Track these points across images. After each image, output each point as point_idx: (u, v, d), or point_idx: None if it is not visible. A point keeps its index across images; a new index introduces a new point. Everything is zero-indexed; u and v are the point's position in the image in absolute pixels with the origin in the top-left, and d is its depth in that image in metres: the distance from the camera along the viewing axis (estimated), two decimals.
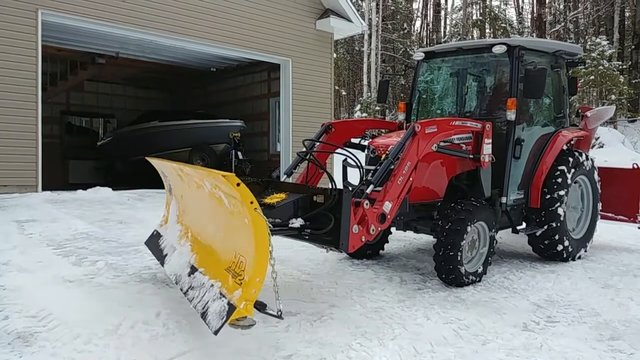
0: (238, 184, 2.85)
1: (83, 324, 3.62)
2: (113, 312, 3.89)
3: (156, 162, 4.75)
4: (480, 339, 3.75)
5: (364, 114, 29.37)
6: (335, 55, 37.87)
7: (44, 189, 9.74)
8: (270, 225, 3.02)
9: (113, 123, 19.35)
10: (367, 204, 4.15)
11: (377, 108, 30.29)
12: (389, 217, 4.38)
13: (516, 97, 5.60)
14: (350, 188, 4.39)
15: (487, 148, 5.40)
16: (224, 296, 2.96)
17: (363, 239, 4.13)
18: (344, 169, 5.22)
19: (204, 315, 3.01)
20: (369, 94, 32.15)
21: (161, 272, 4.92)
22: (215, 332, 2.79)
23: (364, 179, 4.61)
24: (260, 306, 3.00)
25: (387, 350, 3.49)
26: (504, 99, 5.75)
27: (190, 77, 17.75)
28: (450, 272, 4.89)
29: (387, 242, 6.26)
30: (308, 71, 13.91)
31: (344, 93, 40.50)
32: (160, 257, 4.36)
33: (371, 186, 4.38)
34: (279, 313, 3.00)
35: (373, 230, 4.20)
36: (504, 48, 5.62)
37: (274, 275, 3.06)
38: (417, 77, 6.60)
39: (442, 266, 4.92)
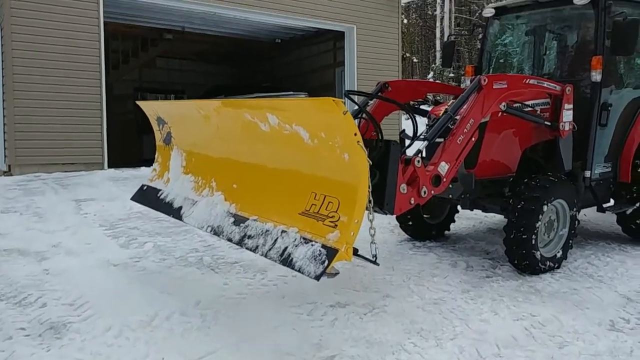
0: (344, 112, 2.54)
1: (118, 314, 3.44)
2: (151, 300, 3.70)
3: (153, 105, 4.40)
4: (556, 341, 3.22)
5: (438, 82, 28.20)
6: (406, 21, 36.55)
7: (117, 166, 9.89)
8: (370, 161, 2.70)
9: (184, 99, 19.58)
10: (418, 162, 3.64)
11: (451, 75, 29.00)
12: (444, 180, 3.86)
13: (602, 55, 4.85)
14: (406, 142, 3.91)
15: (567, 114, 4.72)
16: (311, 240, 2.72)
17: (412, 202, 3.65)
18: (401, 141, 4.72)
19: (287, 261, 2.74)
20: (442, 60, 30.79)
21: (208, 255, 4.73)
22: (317, 278, 2.55)
23: (418, 135, 4.08)
24: (353, 250, 2.72)
25: (444, 353, 3.05)
26: (588, 58, 5.01)
27: (257, 50, 17.59)
28: (523, 258, 4.32)
29: (454, 221, 5.73)
30: (374, 38, 13.28)
31: (415, 60, 39.13)
32: (171, 210, 3.98)
33: (425, 142, 3.88)
34: (374, 258, 2.85)
35: (425, 192, 3.70)
36: None
37: (370, 217, 2.82)
38: (487, 36, 5.92)
39: (513, 250, 4.36)
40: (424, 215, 5.43)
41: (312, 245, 2.69)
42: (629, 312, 3.68)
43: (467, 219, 6.39)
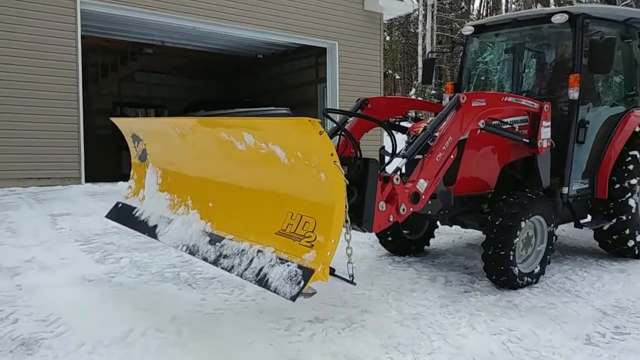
0: (321, 132, 2.55)
1: (91, 330, 3.35)
2: (126, 315, 3.61)
3: (128, 122, 4.31)
4: (533, 355, 3.22)
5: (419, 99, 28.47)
6: (388, 38, 36.96)
7: (95, 180, 9.76)
8: (346, 181, 2.73)
9: (165, 113, 19.44)
10: (397, 179, 3.65)
11: (433, 92, 29.34)
12: (423, 197, 3.87)
13: (580, 73, 4.94)
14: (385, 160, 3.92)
15: (545, 132, 4.78)
16: (287, 261, 2.72)
17: (391, 219, 3.65)
18: (380, 157, 4.74)
19: (262, 282, 2.72)
20: None
21: (185, 270, 4.66)
22: (293, 299, 2.55)
23: (398, 152, 4.10)
24: (330, 270, 2.71)
25: None
26: (565, 76, 5.10)
27: (238, 65, 17.58)
28: (501, 273, 4.34)
29: (433, 236, 5.74)
30: (356, 54, 13.39)
31: (397, 77, 39.53)
32: (146, 229, 3.93)
33: (404, 160, 3.90)
34: (351, 278, 2.84)
35: (404, 210, 3.70)
36: (565, 17, 4.95)
37: (347, 237, 2.83)
38: (467, 54, 6.00)
39: (492, 266, 4.37)
40: (404, 231, 5.43)
41: (288, 265, 2.68)
42: (605, 326, 3.70)
43: (446, 235, 6.41)
